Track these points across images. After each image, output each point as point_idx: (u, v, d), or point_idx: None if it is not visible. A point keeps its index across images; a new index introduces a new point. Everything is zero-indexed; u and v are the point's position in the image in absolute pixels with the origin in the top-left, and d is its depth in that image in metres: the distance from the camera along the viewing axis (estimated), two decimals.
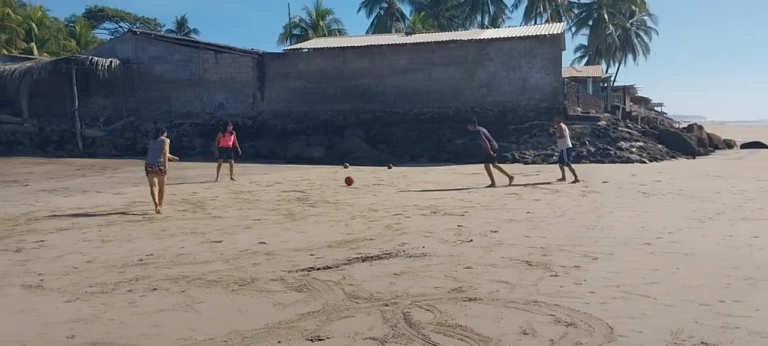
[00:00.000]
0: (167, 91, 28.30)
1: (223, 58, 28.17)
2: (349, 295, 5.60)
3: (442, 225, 9.20)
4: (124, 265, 6.85)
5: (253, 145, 26.06)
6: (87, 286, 5.99)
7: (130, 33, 30.85)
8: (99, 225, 9.52)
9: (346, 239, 8.27)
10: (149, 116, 28.28)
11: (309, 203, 11.99)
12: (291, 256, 7.25)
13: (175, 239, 8.35)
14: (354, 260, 6.97)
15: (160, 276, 6.34)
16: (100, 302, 5.48)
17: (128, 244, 8.09)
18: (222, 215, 10.56)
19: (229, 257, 7.21)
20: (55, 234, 8.78)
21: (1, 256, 7.41)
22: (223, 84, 28.05)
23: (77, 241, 8.30)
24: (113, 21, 59.39)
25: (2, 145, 26.89)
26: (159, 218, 10.26)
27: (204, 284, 6.04)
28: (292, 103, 27.58)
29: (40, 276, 6.39)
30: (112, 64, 27.29)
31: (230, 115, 27.72)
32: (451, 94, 26.14)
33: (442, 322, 4.82)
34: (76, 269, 6.71)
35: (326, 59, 27.56)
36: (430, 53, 26.55)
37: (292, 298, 5.55)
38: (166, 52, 28.57)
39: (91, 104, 28.12)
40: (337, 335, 4.59)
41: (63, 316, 5.10)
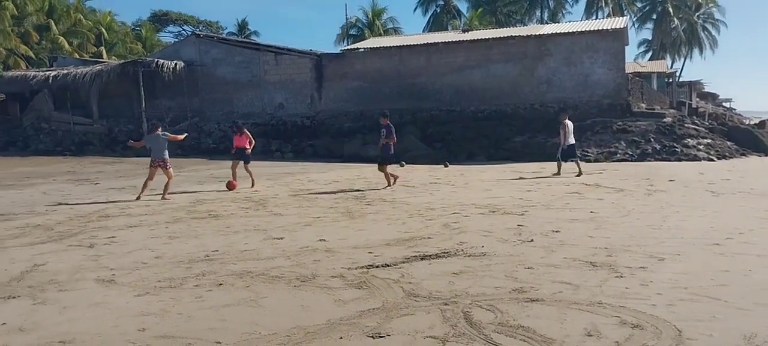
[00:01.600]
0: (229, 92, 28.95)
1: (282, 59, 28.64)
2: (409, 293, 5.62)
3: (502, 224, 9.12)
4: (190, 261, 7.07)
5: (311, 145, 26.42)
6: (156, 281, 6.21)
7: (193, 36, 31.71)
8: (166, 222, 9.85)
9: (403, 237, 8.30)
10: (212, 117, 29.01)
11: (366, 201, 12.08)
12: (350, 253, 7.32)
13: (238, 236, 8.56)
14: (412, 258, 7.00)
15: (226, 272, 6.52)
16: (169, 297, 5.67)
17: (194, 240, 8.34)
18: (283, 212, 10.75)
19: (290, 254, 7.34)
20: (125, 231, 9.12)
21: (76, 251, 7.75)
22: (282, 85, 28.52)
23: (146, 237, 8.61)
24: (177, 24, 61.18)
25: (75, 146, 28.09)
26: (224, 214, 10.53)
27: (267, 280, 6.17)
28: (349, 102, 27.81)
29: (111, 271, 6.66)
30: (177, 67, 28.11)
31: (289, 115, 28.19)
32: (509, 92, 25.85)
33: (503, 322, 4.79)
34: (145, 264, 6.97)
35: (382, 58, 27.67)
36: (487, 50, 26.32)
37: (352, 295, 5.61)
38: (228, 54, 29.24)
39: (157, 105, 29.02)
40: (397, 332, 4.63)
41: (134, 309, 5.31)
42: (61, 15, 45.11)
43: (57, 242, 8.34)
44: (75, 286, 6.11)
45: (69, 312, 5.27)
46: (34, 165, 22.36)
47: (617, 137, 22.73)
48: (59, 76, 29.49)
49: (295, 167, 20.55)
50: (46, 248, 7.95)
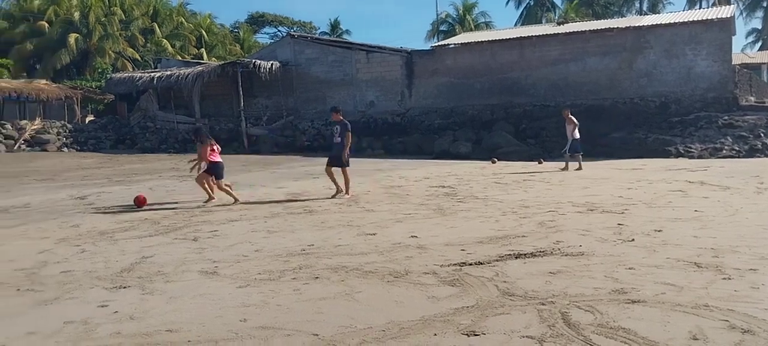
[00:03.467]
0: (323, 90, 29.56)
1: (373, 57, 28.94)
2: (504, 292, 5.54)
3: (600, 223, 8.83)
4: (288, 254, 7.27)
5: (401, 142, 26.57)
6: (256, 273, 6.43)
7: (288, 36, 32.58)
8: (265, 217, 10.17)
9: (497, 235, 8.19)
10: (307, 115, 29.71)
11: (458, 198, 12.01)
12: (442, 250, 7.30)
13: (333, 231, 8.72)
14: (506, 256, 6.89)
15: (321, 266, 6.66)
16: (268, 289, 5.85)
17: (291, 235, 8.57)
18: (375, 208, 10.87)
19: (383, 250, 7.41)
20: (227, 225, 9.50)
21: (181, 244, 8.14)
22: (373, 83, 28.82)
23: (246, 231, 8.93)
24: (272, 25, 63.04)
25: (178, 143, 29.51)
26: (318, 210, 10.76)
27: (361, 275, 6.25)
28: (439, 99, 27.75)
29: (214, 263, 6.94)
30: (273, 67, 28.99)
31: (379, 112, 28.46)
32: (606, 86, 25.00)
33: (603, 323, 4.63)
34: (245, 257, 7.22)
35: (474, 54, 27.42)
36: (583, 43, 25.57)
37: (445, 292, 5.59)
38: (322, 53, 29.86)
39: (255, 104, 30.03)
40: (492, 331, 4.57)
41: (236, 300, 5.51)
42: (164, 18, 47.50)
43: (163, 235, 8.78)
44: (180, 277, 6.41)
45: (175, 302, 5.54)
46: (141, 162, 23.69)
47: (723, 133, 21.51)
48: (163, 77, 31.08)
49: (385, 164, 20.73)
50: (154, 241, 8.39)
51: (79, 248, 8.01)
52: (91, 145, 30.59)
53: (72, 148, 30.16)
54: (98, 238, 8.68)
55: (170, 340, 4.53)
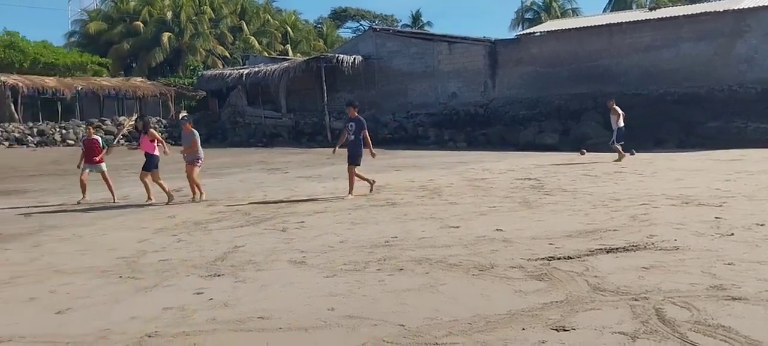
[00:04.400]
0: (404, 83, 29.63)
1: (455, 48, 28.73)
2: (594, 287, 5.39)
3: (696, 216, 8.42)
4: (372, 246, 7.34)
5: (484, 133, 26.28)
6: (342, 264, 6.53)
7: (370, 30, 32.84)
8: (348, 209, 10.32)
9: (586, 228, 7.96)
10: (388, 108, 29.86)
11: (544, 190, 11.76)
12: (529, 244, 7.17)
13: (415, 224, 8.74)
14: (597, 251, 6.69)
15: (405, 258, 6.69)
16: (354, 279, 5.93)
17: (374, 226, 8.65)
18: (458, 201, 10.80)
19: (467, 243, 7.35)
20: (313, 216, 9.70)
21: (270, 234, 8.38)
22: (455, 74, 28.62)
23: (331, 223, 9.09)
24: (355, 20, 63.63)
25: (266, 137, 30.35)
26: (401, 202, 10.81)
27: (445, 267, 6.24)
28: (524, 89, 27.23)
29: (302, 253, 7.11)
30: (355, 61, 29.31)
31: (462, 103, 28.23)
32: (702, 73, 23.79)
33: (700, 321, 4.42)
34: (331, 248, 7.35)
35: (560, 42, 26.73)
36: (677, 28, 24.44)
37: (533, 286, 5.50)
38: (403, 46, 29.92)
39: (338, 99, 30.45)
40: (582, 326, 4.45)
41: (323, 290, 5.62)
42: (252, 16, 48.88)
43: (254, 226, 9.07)
44: (270, 266, 6.60)
45: (266, 290, 5.71)
46: (232, 156, 24.49)
47: None
48: (251, 73, 32.04)
49: (468, 156, 20.56)
50: (245, 231, 8.68)
51: (175, 237, 8.39)
52: None
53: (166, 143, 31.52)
54: (193, 228, 9.07)
55: (262, 327, 4.68)
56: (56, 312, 5.23)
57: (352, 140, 11.74)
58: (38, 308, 5.41)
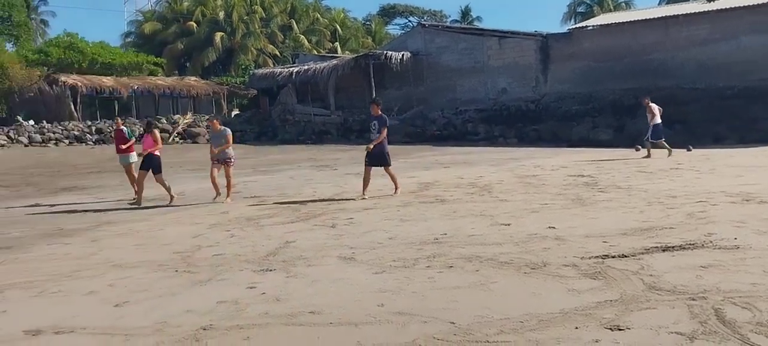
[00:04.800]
0: (453, 79, 29.47)
1: (506, 43, 28.42)
2: (649, 286, 5.25)
3: (758, 214, 8.11)
4: (421, 242, 7.33)
5: (535, 129, 25.92)
6: (391, 260, 6.54)
7: (419, 26, 32.79)
8: (397, 206, 10.32)
9: (641, 226, 7.77)
10: (436, 105, 29.76)
11: (598, 187, 11.52)
12: (582, 242, 7.03)
13: (465, 221, 8.68)
14: (652, 249, 6.52)
15: (455, 255, 6.65)
16: (403, 276, 5.93)
17: (423, 223, 8.63)
18: (508, 198, 10.68)
19: (518, 240, 7.26)
20: (361, 213, 9.74)
21: (320, 230, 8.45)
22: (505, 69, 28.32)
23: (380, 219, 9.11)
24: (403, 16, 63.65)
25: (315, 135, 30.63)
26: (450, 199, 10.76)
27: (496, 265, 6.17)
28: (576, 84, 26.73)
29: (351, 249, 7.15)
30: (404, 58, 29.30)
31: (512, 99, 27.92)
32: (763, 66, 22.91)
33: (762, 322, 4.26)
34: (380, 244, 7.37)
35: (614, 35, 26.15)
36: (737, 20, 23.59)
37: (586, 285, 5.39)
38: (452, 42, 29.76)
39: (386, 95, 30.44)
40: (638, 326, 4.35)
41: (373, 286, 5.64)
42: (302, 15, 49.42)
43: (304, 222, 9.17)
44: (320, 262, 6.66)
45: (316, 285, 5.76)
46: (282, 153, 24.84)
47: None
48: (301, 71, 32.40)
49: (519, 153, 20.31)
50: (295, 227, 8.78)
51: (228, 233, 8.55)
52: (236, 137, 32.06)
53: None
54: (245, 224, 9.22)
55: (313, 321, 4.73)
56: (115, 305, 5.39)
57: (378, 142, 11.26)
58: (98, 300, 5.59)
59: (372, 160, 11.27)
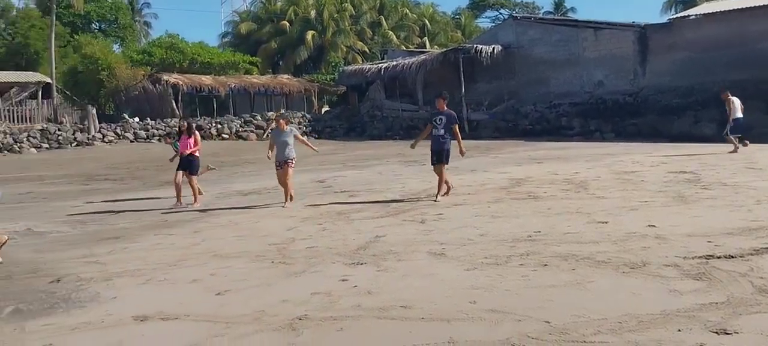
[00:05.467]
0: (546, 72, 28.76)
1: (602, 34, 27.46)
2: (759, 289, 4.95)
3: None
4: (513, 240, 7.21)
5: (634, 124, 24.98)
6: (482, 257, 6.47)
7: (510, 19, 32.22)
8: (488, 202, 10.21)
9: (750, 226, 7.32)
10: (528, 98, 29.16)
11: (701, 184, 10.96)
12: (684, 242, 6.71)
13: (560, 218, 8.47)
14: (762, 250, 6.14)
15: (549, 253, 6.50)
16: (495, 273, 5.86)
17: (515, 220, 8.50)
18: (605, 195, 10.34)
19: (616, 239, 7.02)
20: (451, 209, 9.70)
21: (409, 226, 8.48)
22: (601, 61, 27.35)
23: (470, 215, 9.04)
24: (494, 9, 62.65)
25: (403, 130, 30.75)
26: (544, 196, 10.53)
27: (593, 264, 5.99)
28: (677, 76, 25.44)
29: (441, 245, 7.13)
30: (495, 51, 28.87)
31: (609, 92, 26.95)
32: None
33: None
34: (471, 240, 7.31)
35: (718, 24, 24.70)
36: None
37: (689, 286, 5.15)
38: (545, 33, 29.04)
39: (476, 90, 30.17)
40: (746, 330, 4.11)
41: (464, 282, 5.60)
42: (390, 11, 49.63)
43: (393, 217, 9.23)
44: (410, 257, 6.69)
45: (406, 280, 5.79)
46: (370, 148, 25.12)
47: None
48: (390, 67, 32.58)
49: (616, 148, 19.62)
50: (384, 222, 8.85)
51: (321, 226, 8.74)
52: (326, 133, 33.18)
53: (311, 136, 32.93)
54: (336, 218, 9.39)
55: (405, 316, 4.76)
56: (216, 293, 5.63)
57: (440, 136, 10.62)
58: (201, 288, 5.86)
59: (437, 158, 10.66)
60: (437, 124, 10.68)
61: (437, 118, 10.73)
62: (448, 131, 10.63)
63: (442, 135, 10.60)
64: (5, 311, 5.38)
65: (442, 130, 10.62)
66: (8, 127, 28.88)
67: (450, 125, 10.63)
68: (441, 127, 10.63)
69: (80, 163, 21.96)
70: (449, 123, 10.64)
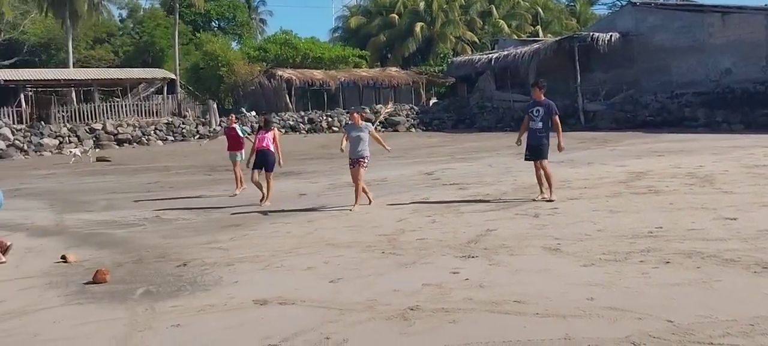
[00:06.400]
0: (667, 60, 27.26)
1: (730, 19, 25.67)
2: None
3: None
4: (633, 236, 6.90)
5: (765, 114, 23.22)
6: (600, 253, 6.24)
7: (629, 5, 30.73)
8: (606, 196, 9.81)
9: None
10: (648, 88, 27.78)
11: None
12: None
13: (683, 214, 8.01)
14: None
15: (671, 250, 6.17)
16: (614, 270, 5.63)
17: (635, 215, 8.12)
18: (734, 190, 9.67)
19: (746, 237, 6.55)
20: (566, 203, 9.40)
21: (522, 220, 8.32)
22: (729, 47, 25.56)
23: (586, 210, 8.74)
24: None
25: (514, 122, 30.08)
26: (665, 190, 10.00)
27: (720, 263, 5.63)
28: None
29: (556, 240, 6.93)
30: (612, 38, 27.71)
31: (737, 81, 25.16)
32: None
33: None
34: (588, 236, 7.06)
35: None
36: None
37: None
38: (666, 20, 27.56)
39: (591, 79, 29.08)
40: None
41: (580, 279, 5.42)
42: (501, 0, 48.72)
43: (504, 211, 9.08)
44: (523, 251, 6.56)
45: (519, 275, 5.69)
46: (479, 140, 24.86)
47: None
48: (500, 57, 32.05)
49: (746, 140, 18.30)
50: (495, 215, 8.73)
51: (430, 218, 8.75)
52: (434, 125, 33.19)
53: (418, 128, 33.09)
54: (445, 210, 9.37)
55: (518, 311, 4.67)
56: (330, 281, 5.77)
57: (538, 129, 9.71)
58: (315, 275, 6.04)
59: (532, 153, 9.85)
60: (534, 117, 9.79)
61: (534, 109, 9.83)
62: (547, 124, 9.72)
63: (539, 129, 9.70)
64: (137, 292, 5.78)
65: (540, 124, 9.71)
66: (137, 121, 31.02)
67: (548, 117, 9.70)
68: (538, 119, 9.73)
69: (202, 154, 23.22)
70: (548, 115, 9.70)
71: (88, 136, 28.93)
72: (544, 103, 9.81)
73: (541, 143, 9.69)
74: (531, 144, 9.86)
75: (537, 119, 9.75)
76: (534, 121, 9.80)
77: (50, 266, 6.99)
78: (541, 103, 9.83)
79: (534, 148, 9.78)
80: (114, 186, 15.51)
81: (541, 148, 9.69)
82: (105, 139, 29.12)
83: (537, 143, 9.75)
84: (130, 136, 29.85)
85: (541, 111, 9.75)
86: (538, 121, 9.73)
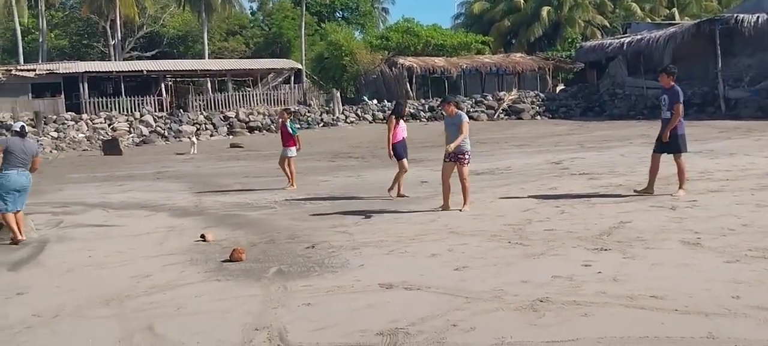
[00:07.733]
0: None
1: None
2: None
3: None
4: None
5: None
6: (746, 249, 5.79)
7: None
8: (751, 188, 9.10)
9: None
10: None
11: None
12: None
13: None
14: None
15: None
16: (762, 268, 5.22)
17: None
18: None
19: None
20: (706, 195, 8.80)
21: (658, 212, 7.86)
22: None
23: (729, 203, 8.14)
24: None
25: (647, 109, 28.57)
26: None
27: None
28: None
29: (696, 234, 6.51)
30: (759, 20, 25.56)
31: None
32: None
33: None
34: (732, 230, 6.58)
35: None
36: None
37: None
38: None
39: (734, 64, 27.01)
40: None
41: (724, 275, 5.07)
42: None
43: (639, 202, 8.63)
44: (660, 245, 6.21)
45: (657, 269, 5.39)
46: (610, 129, 23.79)
47: None
48: (633, 42, 30.52)
49: None
50: (629, 207, 8.31)
51: (558, 209, 8.48)
52: (561, 113, 32.17)
53: (544, 116, 32.22)
54: (575, 200, 9.05)
55: (656, 306, 4.43)
56: (455, 269, 5.75)
57: (668, 119, 8.89)
58: (440, 263, 6.03)
59: (662, 146, 8.99)
60: (663, 106, 9.06)
61: (662, 97, 9.12)
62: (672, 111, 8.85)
63: (668, 119, 8.88)
64: (271, 271, 6.04)
65: (668, 113, 8.90)
66: (266, 110, 32.45)
67: (672, 104, 8.82)
68: (666, 108, 8.95)
69: (326, 142, 23.91)
70: (672, 102, 8.83)
71: (223, 124, 30.69)
72: (670, 90, 9.02)
73: (674, 135, 8.86)
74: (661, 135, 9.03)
75: (665, 109, 9.03)
76: (663, 111, 9.10)
77: (190, 244, 7.47)
78: (667, 91, 9.08)
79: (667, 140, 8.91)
80: (246, 170, 16.33)
81: (675, 141, 8.87)
82: (238, 126, 30.75)
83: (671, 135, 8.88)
84: (260, 123, 31.30)
85: (667, 99, 9.01)
86: (667, 110, 8.98)
